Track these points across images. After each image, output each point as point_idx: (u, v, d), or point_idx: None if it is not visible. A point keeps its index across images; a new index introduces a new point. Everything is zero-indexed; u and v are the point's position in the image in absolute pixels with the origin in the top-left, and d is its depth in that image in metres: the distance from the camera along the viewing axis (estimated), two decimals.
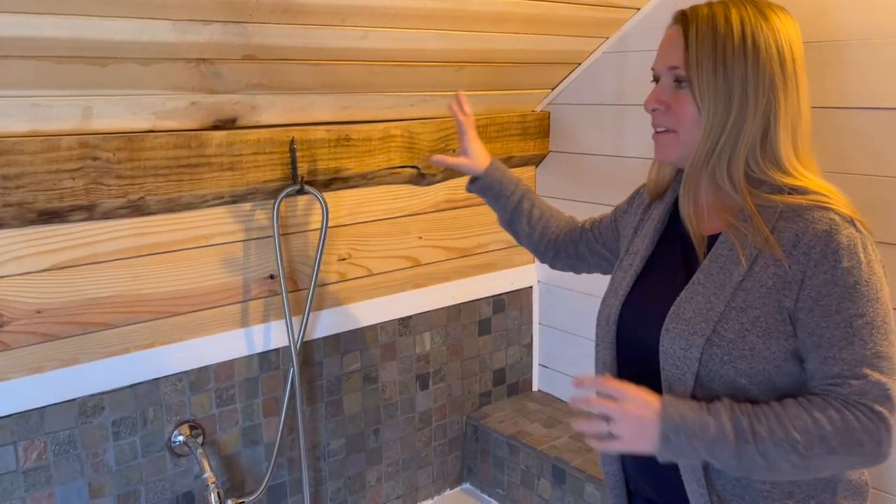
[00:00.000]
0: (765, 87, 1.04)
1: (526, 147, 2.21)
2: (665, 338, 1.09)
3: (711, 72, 1.04)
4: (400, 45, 1.65)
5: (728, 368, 1.04)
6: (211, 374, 1.74)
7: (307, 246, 1.85)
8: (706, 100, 1.05)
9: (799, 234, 1.02)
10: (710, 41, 1.04)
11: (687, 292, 1.09)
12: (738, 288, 1.05)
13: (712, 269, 1.08)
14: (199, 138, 1.58)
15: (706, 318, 1.05)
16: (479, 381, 2.30)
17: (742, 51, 1.03)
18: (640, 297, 1.18)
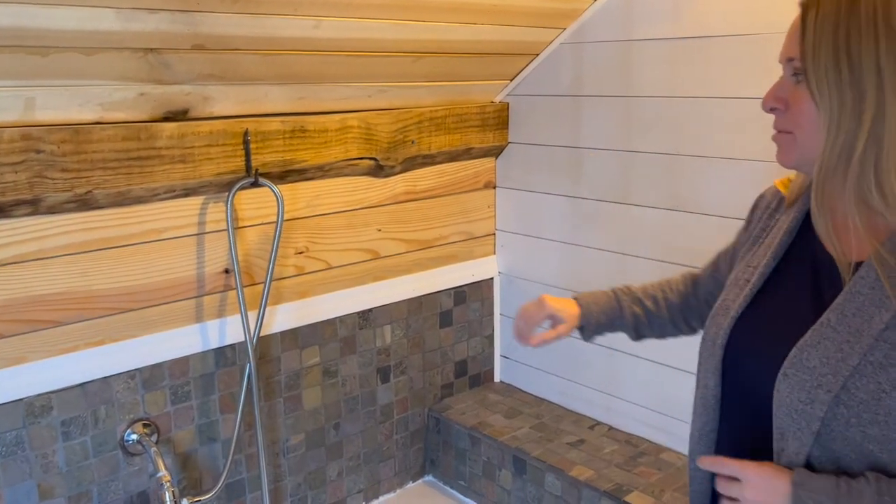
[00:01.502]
0: None
1: (485, 138, 2.21)
2: (782, 384, 0.92)
3: (832, 60, 0.84)
4: (354, 34, 1.63)
5: (855, 432, 0.87)
6: (165, 371, 1.71)
7: (263, 239, 1.82)
8: (825, 94, 0.86)
9: None
10: (831, 24, 0.84)
11: (814, 334, 0.91)
12: (878, 338, 0.86)
13: (848, 309, 0.89)
14: (148, 130, 1.54)
15: (835, 371, 0.88)
16: (441, 373, 2.30)
17: (872, 31, 0.82)
18: (756, 322, 1.00)
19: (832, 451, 0.89)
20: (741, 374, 1.00)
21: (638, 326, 1.30)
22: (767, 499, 0.89)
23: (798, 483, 0.87)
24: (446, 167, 2.19)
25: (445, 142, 2.12)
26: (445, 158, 2.16)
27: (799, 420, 0.90)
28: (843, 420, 0.87)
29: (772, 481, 0.89)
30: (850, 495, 0.85)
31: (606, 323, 1.30)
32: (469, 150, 2.19)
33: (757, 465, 0.91)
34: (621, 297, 1.31)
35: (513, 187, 2.28)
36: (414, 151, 2.05)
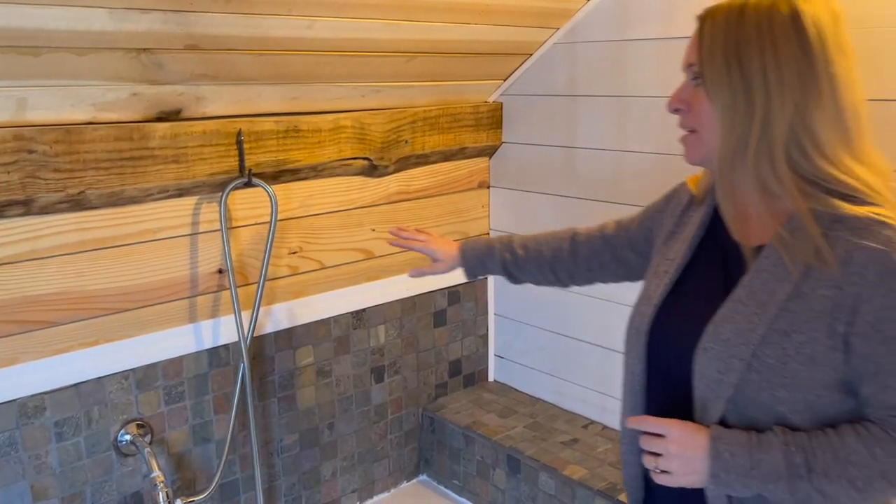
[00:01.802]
0: (790, 76, 0.94)
1: (479, 138, 2.21)
2: (701, 357, 1.01)
3: (724, 65, 0.96)
4: (348, 34, 1.63)
5: (766, 395, 0.97)
6: (159, 372, 1.71)
7: (257, 239, 1.82)
8: (718, 95, 0.97)
9: (851, 250, 0.92)
10: (722, 34, 0.97)
11: (726, 310, 1.01)
12: (782, 309, 0.96)
13: (755, 286, 0.99)
14: (141, 130, 1.54)
15: (746, 341, 0.97)
16: (435, 372, 2.30)
17: (757, 40, 0.94)
18: (675, 308, 1.10)
19: (747, 416, 0.99)
20: (664, 356, 1.10)
21: (509, 270, 1.49)
22: (688, 451, 0.99)
23: (715, 437, 0.98)
24: (440, 167, 2.19)
25: (439, 142, 2.12)
26: (439, 158, 2.17)
27: (717, 389, 1.00)
28: (755, 385, 0.97)
29: (692, 435, 0.99)
30: (760, 446, 0.96)
31: (479, 266, 1.51)
32: (463, 149, 2.19)
33: (679, 421, 1.01)
34: (496, 243, 1.50)
35: (507, 187, 2.28)
36: (407, 151, 2.05)
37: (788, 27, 0.94)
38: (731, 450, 0.97)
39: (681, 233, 1.16)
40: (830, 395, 0.96)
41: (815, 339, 0.94)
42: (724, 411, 1.00)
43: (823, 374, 0.95)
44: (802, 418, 0.97)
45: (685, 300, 1.10)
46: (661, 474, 1.02)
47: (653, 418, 1.03)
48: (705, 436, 0.98)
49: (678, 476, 1.00)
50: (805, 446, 0.95)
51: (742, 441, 0.97)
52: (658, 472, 1.02)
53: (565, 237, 1.45)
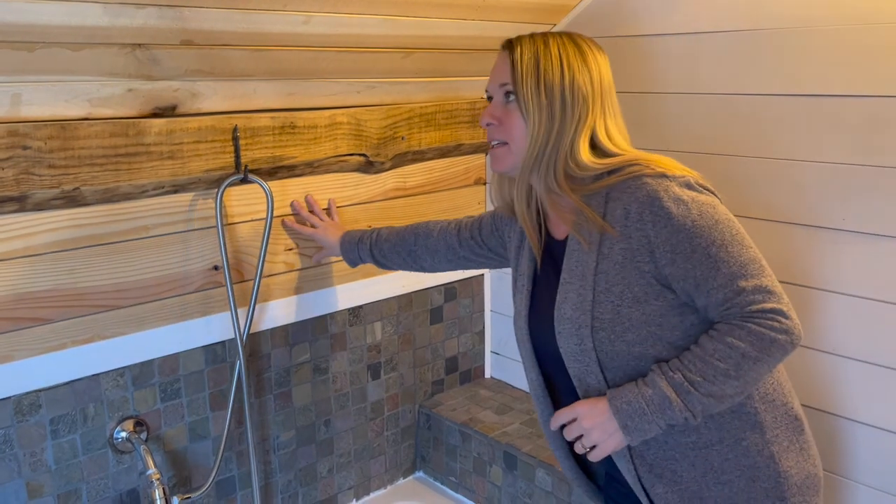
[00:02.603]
0: (578, 99, 1.19)
1: (475, 134, 2.20)
2: (560, 340, 1.21)
3: (535, 86, 1.18)
4: (344, 30, 1.62)
5: (619, 344, 1.15)
6: (154, 369, 1.70)
7: (253, 236, 1.82)
8: (531, 110, 1.19)
9: (626, 207, 1.15)
10: (532, 60, 1.20)
11: (560, 293, 1.22)
12: (596, 273, 1.17)
13: (572, 266, 1.21)
14: (137, 126, 1.53)
15: (583, 310, 1.17)
16: (432, 369, 2.30)
17: (559, 67, 1.19)
18: (536, 312, 1.31)
19: (616, 369, 1.17)
20: (545, 352, 1.29)
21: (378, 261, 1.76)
22: (598, 419, 1.15)
23: (611, 397, 1.15)
24: (436, 163, 2.19)
25: (435, 138, 2.11)
26: (435, 154, 2.16)
27: (583, 359, 1.18)
28: (607, 340, 1.16)
29: (595, 405, 1.16)
30: (646, 385, 1.13)
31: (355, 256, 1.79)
32: (459, 146, 2.19)
33: (581, 401, 1.19)
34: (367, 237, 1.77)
35: None
36: (404, 147, 2.04)
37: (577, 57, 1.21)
38: (625, 399, 1.13)
39: (524, 248, 1.37)
40: (669, 321, 1.15)
41: (630, 284, 1.14)
42: (600, 376, 1.18)
43: (652, 307, 1.14)
44: (661, 349, 1.15)
45: (540, 302, 1.30)
46: (592, 451, 1.17)
47: (560, 411, 1.20)
48: (604, 400, 1.16)
49: (603, 444, 1.16)
50: (678, 366, 1.12)
51: (631, 388, 1.14)
52: (588, 450, 1.17)
53: (420, 233, 1.70)
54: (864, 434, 1.57)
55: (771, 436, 1.18)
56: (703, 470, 1.18)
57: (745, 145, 1.68)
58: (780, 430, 1.19)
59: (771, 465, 1.17)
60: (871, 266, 1.51)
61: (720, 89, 1.70)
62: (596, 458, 1.17)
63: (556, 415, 1.21)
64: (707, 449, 1.17)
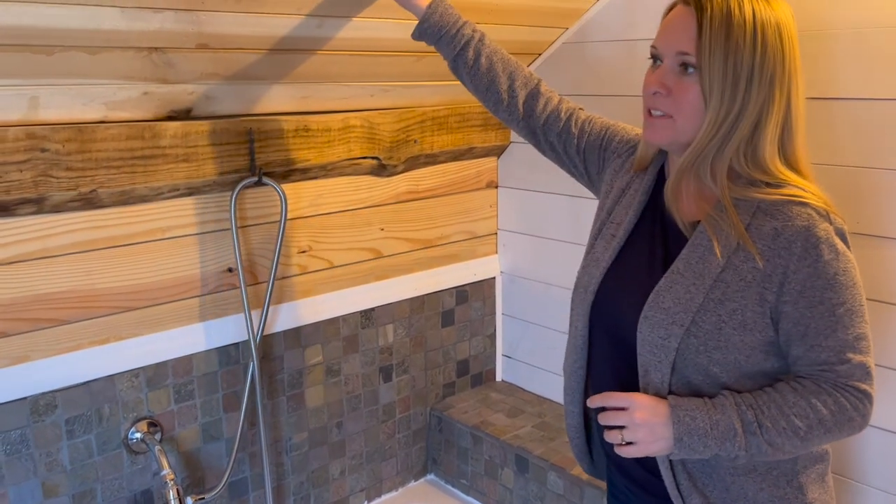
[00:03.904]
0: (765, 82, 1.02)
1: (487, 138, 2.21)
2: (644, 325, 1.10)
3: (723, 62, 1.00)
4: (357, 34, 1.63)
5: (703, 358, 1.07)
6: (169, 370, 1.71)
7: (266, 238, 1.83)
8: (715, 91, 1.01)
9: (778, 229, 1.04)
10: (724, 30, 1.00)
11: (667, 280, 1.10)
12: (717, 280, 1.06)
13: (692, 259, 1.09)
14: (152, 129, 1.55)
15: (685, 309, 1.07)
16: (443, 372, 2.30)
17: (752, 43, 1.00)
18: (620, 273, 1.18)
19: (686, 377, 1.08)
20: (607, 319, 1.18)
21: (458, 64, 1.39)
22: (652, 419, 1.06)
23: (674, 405, 1.07)
24: (448, 166, 2.19)
25: (448, 141, 2.12)
26: (448, 158, 2.17)
27: (659, 354, 1.09)
28: (694, 349, 1.07)
29: (655, 405, 1.07)
30: (715, 408, 1.06)
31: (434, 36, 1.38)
32: (471, 149, 2.19)
33: (640, 394, 1.10)
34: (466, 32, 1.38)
35: (515, 186, 2.28)
36: (416, 151, 2.05)
37: (776, 34, 1.02)
38: (691, 414, 1.06)
39: (626, 197, 1.24)
40: (756, 356, 1.08)
41: (746, 307, 1.05)
42: (667, 375, 1.09)
43: (752, 338, 1.06)
44: (731, 377, 1.08)
45: (629, 268, 1.18)
46: (626, 446, 1.08)
47: (615, 393, 1.11)
48: (665, 404, 1.07)
49: (644, 445, 1.08)
50: (753, 404, 1.06)
51: (699, 405, 1.06)
52: (623, 444, 1.09)
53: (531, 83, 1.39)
54: (875, 437, 1.56)
55: (801, 466, 1.14)
56: (735, 495, 1.12)
57: None
58: (808, 462, 1.15)
59: (799, 496, 1.13)
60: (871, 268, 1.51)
61: None
62: (628, 454, 1.09)
63: (608, 395, 1.11)
64: (744, 476, 1.12)
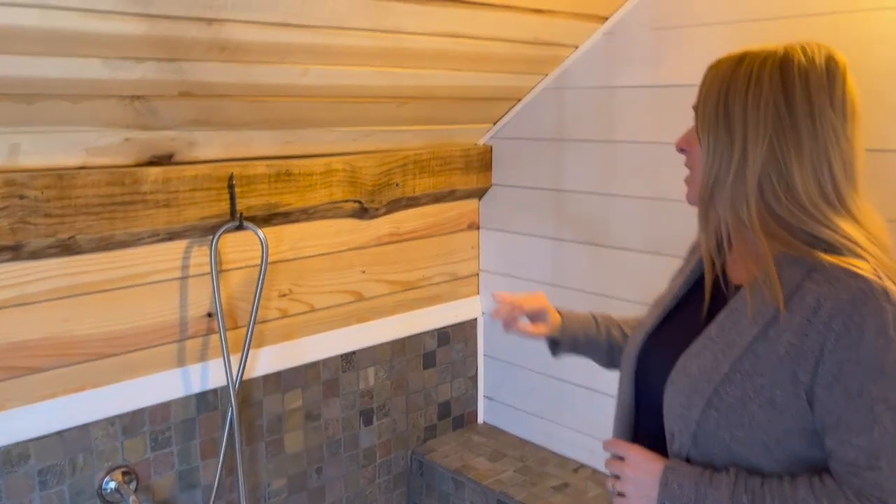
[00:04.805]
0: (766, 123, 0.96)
1: (469, 180, 2.23)
2: (668, 390, 1.04)
3: (713, 109, 1.01)
4: (340, 81, 1.65)
5: (724, 434, 0.98)
6: (145, 417, 1.69)
7: (247, 282, 1.82)
8: (704, 133, 1.02)
9: (821, 299, 0.92)
10: (719, 80, 1.01)
11: (697, 345, 1.03)
12: (747, 350, 0.97)
13: (726, 324, 1.01)
14: (133, 175, 1.54)
15: (709, 378, 0.99)
16: (424, 414, 2.28)
17: (744, 87, 0.98)
18: (663, 337, 1.14)
19: (707, 452, 1.00)
20: (649, 383, 1.12)
21: (612, 351, 1.37)
22: (642, 475, 1.02)
23: (669, 467, 1.01)
24: (430, 209, 2.20)
25: (430, 184, 2.13)
26: (429, 200, 2.18)
27: (680, 422, 1.02)
28: (714, 422, 0.98)
29: (648, 461, 1.03)
30: (710, 482, 0.97)
31: (583, 340, 1.38)
32: (453, 191, 2.21)
33: (641, 448, 1.06)
34: (599, 319, 1.40)
35: (497, 228, 2.30)
36: (398, 194, 2.06)
37: (775, 72, 0.97)
38: (679, 481, 0.99)
39: (685, 266, 1.21)
40: (792, 442, 0.96)
41: (776, 384, 0.94)
42: (688, 445, 1.02)
43: (784, 420, 0.94)
44: (763, 461, 0.97)
45: (671, 331, 1.13)
46: (618, 496, 1.06)
47: (620, 441, 1.09)
48: (660, 464, 1.02)
49: (631, 499, 1.04)
50: (755, 490, 0.95)
51: (693, 474, 0.99)
52: (616, 493, 1.07)
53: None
54: None
55: None
56: None
57: None
58: None
59: None
60: None
61: None
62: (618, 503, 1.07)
63: (614, 442, 1.10)
64: None
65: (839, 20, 1.50)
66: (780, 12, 1.57)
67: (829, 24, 1.51)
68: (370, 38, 1.54)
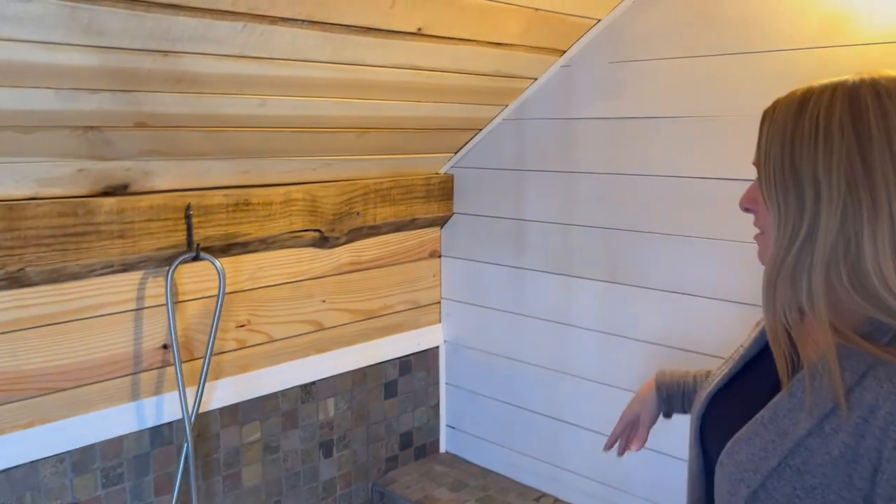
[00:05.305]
0: (839, 184, 0.81)
1: (430, 209, 2.23)
2: (718, 472, 0.95)
3: (779, 169, 0.86)
4: (299, 112, 1.64)
5: None
6: (97, 453, 1.64)
7: (204, 313, 1.79)
8: (772, 197, 0.87)
9: (879, 401, 0.80)
10: (780, 134, 0.87)
11: (748, 429, 0.92)
12: (799, 444, 0.85)
13: (780, 410, 0.89)
14: (86, 206, 1.52)
15: (757, 468, 0.88)
16: (386, 445, 2.26)
17: (812, 142, 0.83)
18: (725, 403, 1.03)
19: None
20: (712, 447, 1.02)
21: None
22: None
23: None
24: (391, 237, 2.20)
25: (391, 213, 2.13)
26: (391, 229, 2.18)
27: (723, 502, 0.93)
28: None
29: None
30: None
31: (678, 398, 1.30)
32: (414, 220, 2.21)
33: None
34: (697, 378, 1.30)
35: (458, 256, 2.30)
36: (359, 223, 2.06)
37: (847, 124, 0.82)
38: None
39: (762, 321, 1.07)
40: None
41: (829, 487, 0.83)
42: None
43: None
44: None
45: (734, 399, 1.02)
46: None
47: None
48: None
49: None
50: None
51: None
52: None
53: None
54: None
55: None
56: None
57: None
58: None
59: None
60: None
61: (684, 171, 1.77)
62: None
63: None
64: None
65: (796, 57, 1.54)
66: (736, 48, 1.61)
67: (785, 60, 1.55)
68: (329, 70, 1.54)
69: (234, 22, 1.29)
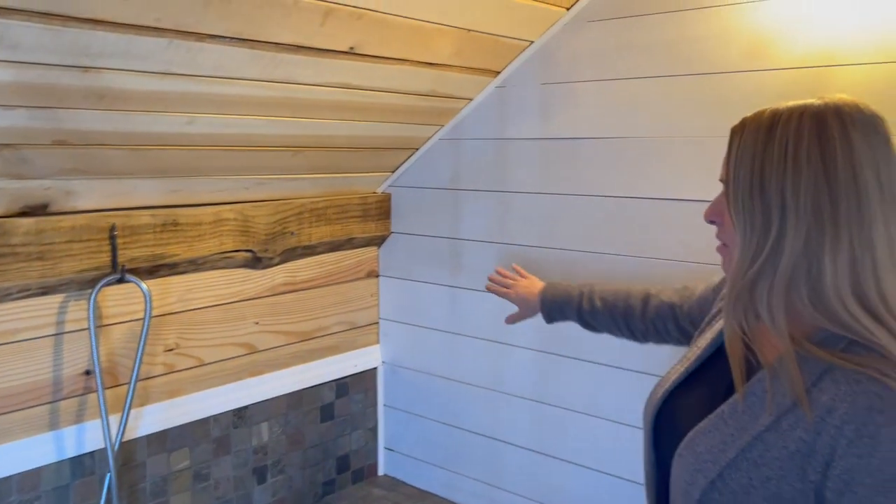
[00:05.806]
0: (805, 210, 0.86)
1: (367, 228, 2.21)
2: (676, 464, 0.99)
3: (747, 187, 0.90)
4: (230, 130, 1.61)
5: None
6: (12, 486, 1.56)
7: (129, 337, 1.73)
8: (739, 215, 0.91)
9: (835, 402, 0.85)
10: (749, 153, 0.90)
11: (708, 422, 0.97)
12: (757, 438, 0.91)
13: (741, 406, 0.94)
14: (2, 226, 1.45)
15: (715, 460, 0.93)
16: (322, 469, 2.22)
17: (782, 165, 0.87)
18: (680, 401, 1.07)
19: None
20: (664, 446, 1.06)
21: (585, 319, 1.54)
22: None
23: None
24: (327, 257, 2.17)
25: (326, 232, 2.11)
26: (326, 249, 2.15)
27: (683, 499, 0.97)
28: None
29: None
30: None
31: (558, 311, 1.58)
32: (351, 239, 2.19)
33: None
34: (575, 291, 1.55)
35: (396, 276, 2.29)
36: (293, 243, 2.02)
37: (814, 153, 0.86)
38: None
39: (715, 322, 1.12)
40: None
41: (783, 479, 0.88)
42: None
43: None
44: None
45: (688, 396, 1.06)
46: None
47: None
48: None
49: None
50: None
51: None
52: None
53: (638, 296, 1.48)
54: None
55: None
56: None
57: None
58: None
59: None
60: None
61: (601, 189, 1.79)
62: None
63: None
64: None
65: (721, 80, 1.59)
66: (662, 71, 1.65)
67: (711, 83, 1.60)
68: (260, 88, 1.52)
69: (158, 38, 1.26)
